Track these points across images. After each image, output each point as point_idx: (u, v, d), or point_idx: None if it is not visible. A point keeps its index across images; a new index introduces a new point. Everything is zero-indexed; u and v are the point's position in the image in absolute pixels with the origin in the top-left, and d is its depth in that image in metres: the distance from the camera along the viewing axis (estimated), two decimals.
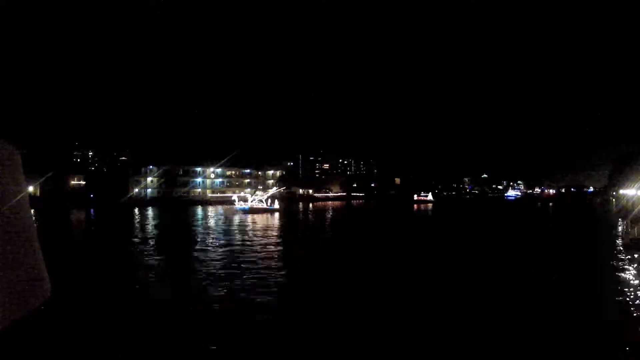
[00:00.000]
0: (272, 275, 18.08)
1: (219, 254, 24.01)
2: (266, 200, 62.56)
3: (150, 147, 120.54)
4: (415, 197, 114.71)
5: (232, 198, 66.04)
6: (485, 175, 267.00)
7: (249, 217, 51.55)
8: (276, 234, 35.58)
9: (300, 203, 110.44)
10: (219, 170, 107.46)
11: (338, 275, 18.27)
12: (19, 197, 0.82)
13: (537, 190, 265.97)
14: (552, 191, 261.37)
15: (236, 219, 49.86)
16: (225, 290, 15.50)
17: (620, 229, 35.52)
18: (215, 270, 19.18)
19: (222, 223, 46.17)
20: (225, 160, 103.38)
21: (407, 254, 24.96)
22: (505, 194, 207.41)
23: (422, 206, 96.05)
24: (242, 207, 60.75)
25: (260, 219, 49.14)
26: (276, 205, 62.15)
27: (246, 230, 37.29)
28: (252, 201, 61.79)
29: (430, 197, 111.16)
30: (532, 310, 13.30)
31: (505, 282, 17.00)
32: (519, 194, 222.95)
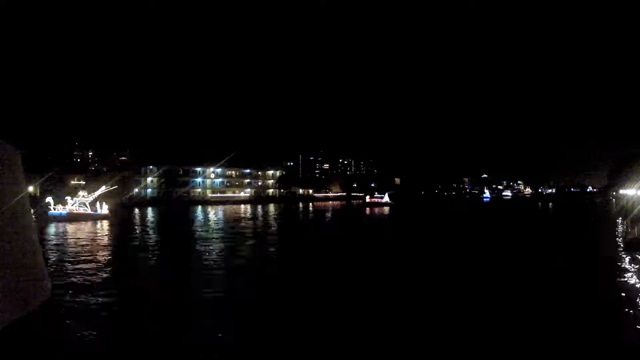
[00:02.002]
0: None
1: None
2: (91, 203, 48.93)
3: (150, 147, 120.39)
4: (368, 198, 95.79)
5: (46, 200, 49.15)
6: (485, 175, 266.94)
7: (68, 227, 39.13)
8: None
9: (300, 203, 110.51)
10: (219, 170, 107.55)
11: None
12: (19, 197, 0.86)
13: (529, 190, 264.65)
14: (552, 190, 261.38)
15: (51, 229, 37.27)
16: None
17: (620, 229, 35.51)
18: None
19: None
20: (225, 160, 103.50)
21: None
22: (483, 195, 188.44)
23: (377, 210, 78.69)
24: (57, 212, 46.83)
25: (85, 230, 36.62)
26: (105, 210, 48.87)
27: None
28: (72, 205, 48.09)
29: (386, 198, 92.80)
30: (532, 310, 13.29)
31: (504, 283, 16.96)
32: (509, 194, 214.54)
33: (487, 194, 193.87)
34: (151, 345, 10.62)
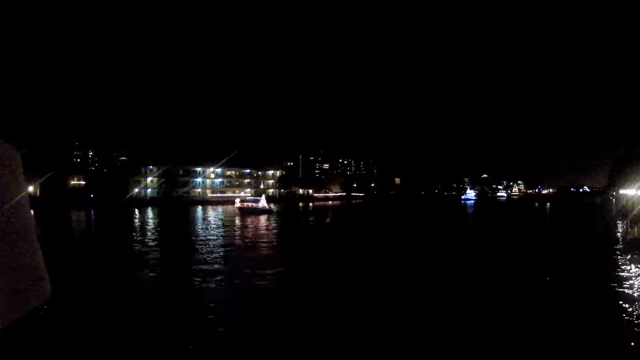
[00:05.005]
0: None
1: None
2: None
3: (150, 147, 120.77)
4: (238, 202, 65.94)
5: None
6: (485, 175, 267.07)
7: None
8: None
9: (300, 203, 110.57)
10: (219, 170, 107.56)
11: None
12: (19, 197, 0.81)
13: (516, 190, 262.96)
14: (550, 190, 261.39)
15: None
16: None
17: (620, 229, 35.53)
18: None
19: None
20: (225, 160, 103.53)
21: None
22: (464, 195, 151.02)
23: (250, 221, 48.15)
24: None
25: None
26: None
27: None
28: None
29: (263, 203, 62.92)
30: (531, 311, 13.29)
31: (503, 283, 16.96)
32: (504, 195, 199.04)
33: (470, 193, 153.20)
34: None
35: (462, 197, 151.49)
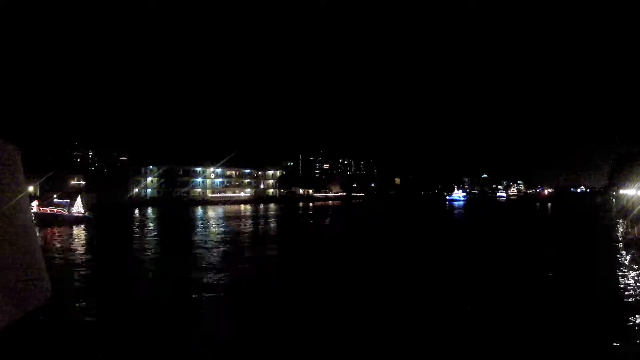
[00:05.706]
0: None
1: None
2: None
3: (150, 147, 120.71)
4: (35, 206, 38.22)
5: None
6: (485, 175, 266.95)
7: None
8: None
9: (300, 203, 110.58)
10: (219, 170, 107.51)
11: None
12: (19, 197, 0.80)
13: (514, 190, 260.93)
14: (550, 190, 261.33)
15: None
16: None
17: (620, 229, 35.51)
18: None
19: None
20: (225, 160, 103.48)
21: None
22: (450, 195, 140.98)
23: (56, 243, 29.38)
24: None
25: None
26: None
27: None
28: None
29: (77, 208, 43.25)
30: (531, 311, 13.29)
31: (503, 283, 16.97)
32: (504, 195, 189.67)
33: (457, 193, 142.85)
34: None
35: (448, 197, 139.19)
